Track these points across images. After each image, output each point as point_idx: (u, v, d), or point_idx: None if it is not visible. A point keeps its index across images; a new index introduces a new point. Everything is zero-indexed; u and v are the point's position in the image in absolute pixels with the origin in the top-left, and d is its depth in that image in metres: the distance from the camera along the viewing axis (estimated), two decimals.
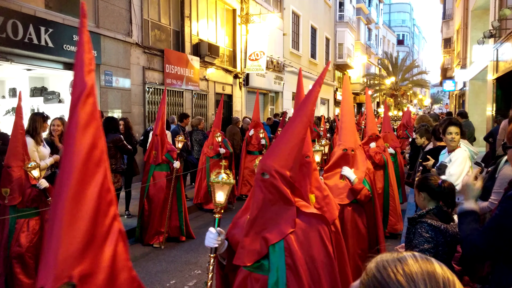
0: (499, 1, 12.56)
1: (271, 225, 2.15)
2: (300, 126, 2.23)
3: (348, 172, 4.04)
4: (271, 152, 2.20)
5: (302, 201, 2.29)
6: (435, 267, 0.88)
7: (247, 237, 2.18)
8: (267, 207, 2.15)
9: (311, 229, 2.19)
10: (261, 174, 2.14)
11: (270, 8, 18.30)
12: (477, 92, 17.87)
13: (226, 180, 2.40)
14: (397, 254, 0.92)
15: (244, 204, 2.45)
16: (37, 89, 10.01)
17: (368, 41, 40.74)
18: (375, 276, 0.89)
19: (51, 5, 8.36)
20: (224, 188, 2.41)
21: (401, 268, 0.87)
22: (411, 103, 47.27)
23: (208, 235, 2.23)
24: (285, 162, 2.15)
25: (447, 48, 30.04)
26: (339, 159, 4.13)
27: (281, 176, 2.12)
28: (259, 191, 2.15)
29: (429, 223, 2.64)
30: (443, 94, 64.18)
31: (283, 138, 2.23)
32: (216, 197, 2.43)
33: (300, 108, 2.32)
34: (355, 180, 4.01)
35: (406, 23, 68.74)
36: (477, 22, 17.50)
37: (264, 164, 2.16)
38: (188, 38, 12.99)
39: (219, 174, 2.43)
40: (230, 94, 15.92)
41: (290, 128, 2.25)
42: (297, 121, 2.26)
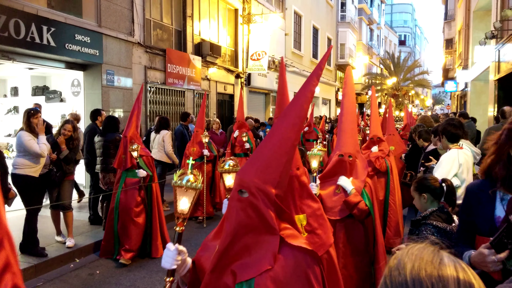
0: (501, 2, 12.54)
1: (244, 257, 1.68)
2: (290, 130, 1.77)
3: (345, 182, 3.50)
4: (252, 163, 1.72)
5: (290, 229, 1.76)
6: (472, 281, 0.85)
7: (213, 273, 1.70)
8: (243, 234, 1.67)
9: (296, 269, 1.67)
10: (238, 192, 1.67)
11: (272, 8, 18.30)
12: (479, 93, 17.85)
13: (192, 184, 1.97)
14: (437, 258, 0.88)
15: (217, 226, 1.91)
16: (38, 88, 10.02)
17: (370, 41, 40.70)
18: (406, 277, 0.86)
19: (53, 4, 8.37)
20: (188, 194, 1.98)
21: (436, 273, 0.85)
22: (412, 104, 47.21)
23: (166, 253, 1.79)
24: (270, 177, 1.67)
25: (449, 48, 29.99)
26: (335, 166, 3.59)
27: (264, 195, 1.64)
28: (234, 213, 1.68)
29: (434, 225, 2.61)
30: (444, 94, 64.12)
31: (268, 145, 1.75)
32: (179, 205, 1.98)
33: (292, 106, 1.86)
34: (352, 191, 3.46)
35: (408, 23, 68.67)
36: (479, 23, 17.49)
37: (243, 178, 1.67)
38: (190, 38, 12.99)
39: (184, 176, 2.00)
40: (232, 94, 15.92)
41: (278, 132, 1.78)
42: (287, 123, 1.79)
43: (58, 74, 9.80)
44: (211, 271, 1.71)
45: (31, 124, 5.38)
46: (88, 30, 8.84)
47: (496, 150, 2.17)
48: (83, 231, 6.55)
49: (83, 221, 6.97)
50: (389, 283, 0.88)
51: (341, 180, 3.51)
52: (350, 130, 3.63)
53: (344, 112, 3.69)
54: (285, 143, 1.75)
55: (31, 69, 9.08)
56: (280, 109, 2.65)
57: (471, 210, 2.20)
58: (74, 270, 5.40)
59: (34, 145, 5.24)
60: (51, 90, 10.00)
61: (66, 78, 9.78)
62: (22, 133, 5.34)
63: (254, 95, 18.03)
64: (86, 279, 5.14)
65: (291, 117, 1.82)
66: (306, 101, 1.85)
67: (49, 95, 9.85)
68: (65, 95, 9.86)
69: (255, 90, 17.90)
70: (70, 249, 5.71)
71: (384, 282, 0.90)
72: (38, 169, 5.41)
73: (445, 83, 28.22)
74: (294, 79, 20.91)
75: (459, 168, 3.77)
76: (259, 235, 1.67)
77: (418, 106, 51.98)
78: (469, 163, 3.85)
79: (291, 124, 1.79)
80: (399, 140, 7.57)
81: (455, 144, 3.97)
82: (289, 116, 1.82)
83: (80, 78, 9.56)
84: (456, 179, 3.70)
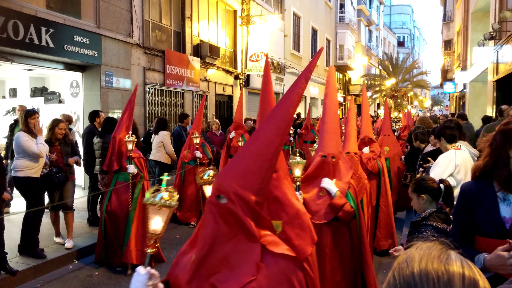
0: (500, 3, 12.57)
1: (224, 269, 1.57)
2: (275, 134, 1.68)
3: (329, 184, 3.37)
4: (232, 167, 1.63)
5: (271, 236, 1.67)
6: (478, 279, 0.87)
7: (190, 285, 1.59)
8: (221, 243, 1.56)
9: (280, 277, 1.59)
10: (216, 197, 1.58)
11: (271, 9, 18.31)
12: (477, 94, 17.87)
13: (165, 202, 1.81)
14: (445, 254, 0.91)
15: (192, 235, 1.77)
16: (37, 89, 10.02)
17: (369, 42, 40.76)
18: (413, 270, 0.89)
19: (52, 6, 8.37)
20: (162, 212, 1.81)
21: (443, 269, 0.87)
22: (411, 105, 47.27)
23: (136, 278, 1.64)
24: (250, 183, 1.58)
25: (447, 50, 30.04)
26: (317, 167, 3.47)
27: (243, 202, 1.55)
28: (212, 220, 1.57)
29: (435, 226, 2.61)
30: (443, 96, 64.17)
31: (250, 149, 1.66)
32: (151, 224, 1.82)
33: (278, 109, 1.75)
34: (337, 193, 3.34)
35: (407, 25, 68.78)
36: (477, 24, 17.52)
37: (221, 183, 1.58)
38: (189, 39, 13.00)
39: (157, 193, 1.83)
40: (231, 95, 15.92)
41: (261, 136, 1.68)
42: (272, 127, 1.69)
43: (57, 75, 9.80)
44: (188, 281, 1.59)
45: (29, 124, 5.37)
46: (87, 31, 8.83)
47: (492, 151, 2.17)
48: (82, 232, 6.54)
49: (82, 222, 6.96)
50: (396, 275, 0.91)
51: (325, 182, 3.39)
52: (333, 130, 3.53)
53: (326, 112, 3.58)
54: (269, 147, 1.65)
55: (30, 70, 9.07)
56: (263, 109, 2.46)
57: (470, 211, 2.20)
58: (73, 272, 5.39)
59: (32, 145, 5.24)
60: (50, 91, 9.99)
61: (65, 79, 9.77)
62: (20, 133, 5.33)
63: (253, 96, 18.04)
64: (85, 281, 5.13)
65: (276, 120, 1.71)
66: (292, 104, 1.76)
67: (47, 96, 9.84)
68: (64, 96, 9.85)
69: (254, 91, 17.91)
70: (69, 251, 5.70)
71: (392, 274, 0.93)
72: (39, 169, 5.39)
73: (444, 84, 28.27)
74: (293, 80, 20.84)
75: (455, 168, 3.79)
76: (239, 243, 1.57)
77: (417, 107, 52.04)
78: (467, 164, 3.85)
79: (276, 128, 1.69)
80: (394, 140, 7.46)
81: (453, 145, 4.00)
82: (274, 119, 1.72)
83: (79, 79, 9.56)
84: (452, 179, 3.71)
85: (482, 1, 15.71)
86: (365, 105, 5.97)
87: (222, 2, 15.14)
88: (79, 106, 9.52)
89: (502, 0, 12.54)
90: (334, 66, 3.95)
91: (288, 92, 1.81)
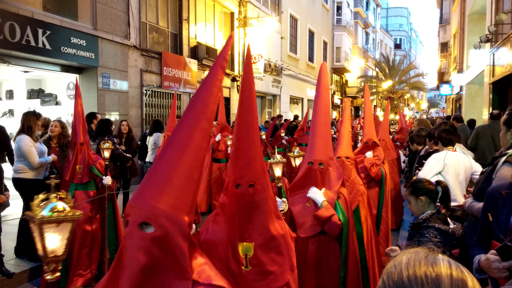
0: (496, 6, 12.63)
1: None
2: (200, 138, 1.41)
3: (315, 194, 3.05)
4: (151, 184, 1.32)
5: (205, 264, 1.40)
6: (467, 279, 0.88)
7: None
8: (144, 280, 1.28)
9: None
10: (138, 226, 1.28)
11: (268, 12, 18.34)
12: (474, 96, 17.94)
13: (64, 215, 1.45)
14: (432, 253, 0.92)
15: (108, 271, 1.43)
16: (34, 91, 10.00)
17: (366, 45, 40.86)
18: (401, 270, 0.90)
19: (49, 7, 8.36)
20: (62, 228, 1.45)
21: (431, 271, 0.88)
22: (408, 107, 47.39)
23: None
24: (181, 201, 1.31)
25: (444, 52, 30.15)
26: (304, 175, 3.14)
27: (177, 227, 1.28)
28: (134, 254, 1.28)
29: (437, 227, 2.61)
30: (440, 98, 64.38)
31: (171, 158, 1.36)
32: (47, 244, 1.45)
33: (198, 107, 1.47)
34: (323, 203, 3.01)
35: (403, 27, 68.96)
36: (473, 26, 17.60)
37: (143, 206, 1.28)
38: (186, 41, 13.00)
39: (48, 203, 1.46)
40: (228, 97, 15.92)
41: (182, 140, 1.39)
42: (193, 129, 1.41)
43: (54, 77, 9.78)
44: None
45: (36, 128, 5.35)
46: (83, 33, 8.83)
47: None
48: None
49: None
50: (386, 279, 0.92)
51: (311, 191, 3.07)
52: (322, 134, 3.17)
53: (316, 115, 3.22)
54: (194, 154, 1.37)
55: (27, 72, 9.05)
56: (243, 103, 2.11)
57: (488, 214, 2.20)
58: None
59: (33, 154, 5.13)
60: (47, 93, 9.97)
61: (62, 81, 9.76)
62: (23, 137, 5.20)
63: None
64: None
65: (198, 119, 1.43)
66: (212, 99, 1.48)
67: (44, 98, 9.82)
68: (61, 98, 9.83)
69: None
70: None
71: (382, 279, 0.93)
72: (41, 170, 5.32)
73: (440, 86, 28.34)
74: (290, 83, 20.96)
75: (444, 167, 3.85)
76: (166, 279, 1.30)
77: (414, 109, 52.18)
78: (458, 166, 3.89)
79: (202, 130, 1.41)
80: (390, 146, 7.05)
81: (450, 147, 4.05)
82: (196, 118, 1.44)
83: (75, 81, 9.53)
84: (440, 177, 3.76)
85: (478, 4, 15.79)
86: (368, 105, 5.57)
87: (219, 4, 15.15)
88: None
89: (498, 3, 12.60)
90: (326, 64, 3.54)
91: (205, 85, 1.53)
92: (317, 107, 3.28)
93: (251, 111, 2.09)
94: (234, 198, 2.07)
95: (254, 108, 2.11)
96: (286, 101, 21.28)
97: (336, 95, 31.10)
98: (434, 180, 3.32)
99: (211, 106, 1.48)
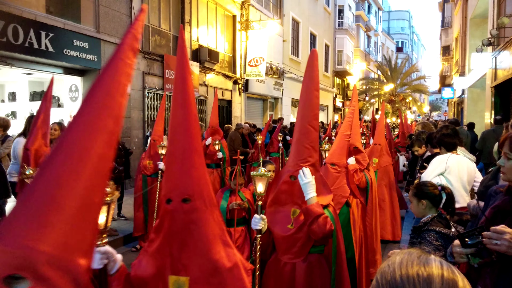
0: (498, 9, 12.64)
1: None
2: (101, 141, 1.02)
3: (307, 185, 2.60)
4: (28, 216, 0.88)
5: None
6: (457, 280, 0.90)
7: None
8: None
9: None
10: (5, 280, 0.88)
11: (270, 15, 18.38)
12: (476, 100, 17.93)
13: None
14: (425, 254, 0.94)
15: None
16: (36, 93, 10.03)
17: (367, 48, 40.89)
18: (394, 270, 0.92)
19: (52, 10, 8.39)
20: None
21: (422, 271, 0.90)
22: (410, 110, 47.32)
23: None
24: (72, 238, 0.91)
25: (446, 55, 30.17)
26: (285, 191, 2.70)
27: (67, 275, 0.89)
28: None
29: (437, 231, 2.60)
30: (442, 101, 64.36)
31: (60, 174, 0.93)
32: None
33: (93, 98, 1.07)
34: (313, 199, 2.60)
35: (405, 30, 69.03)
36: (475, 30, 17.61)
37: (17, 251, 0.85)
38: (188, 44, 13.03)
39: None
40: (230, 99, 15.94)
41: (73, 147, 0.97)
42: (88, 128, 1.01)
43: (56, 79, 9.72)
44: None
45: None
46: (86, 35, 8.86)
47: None
48: None
49: None
50: (379, 278, 0.94)
51: (304, 176, 2.60)
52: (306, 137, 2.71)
53: (300, 116, 2.77)
54: (95, 167, 0.97)
55: (29, 74, 9.10)
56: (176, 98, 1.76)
57: None
58: None
59: None
60: None
61: (64, 83, 9.79)
62: (20, 140, 5.21)
63: (252, 101, 18.07)
64: None
65: (98, 118, 1.03)
66: (120, 90, 1.11)
67: None
68: (63, 100, 9.86)
69: (253, 96, 17.94)
70: None
71: (375, 279, 0.96)
72: None
73: (442, 89, 28.35)
74: (292, 86, 20.96)
75: (446, 169, 3.87)
76: None
77: (416, 113, 52.14)
78: (461, 168, 3.88)
79: (106, 132, 1.02)
80: (386, 151, 6.55)
81: (454, 152, 4.05)
82: (94, 117, 1.02)
83: (78, 84, 9.58)
84: (442, 178, 3.76)
85: (480, 8, 15.80)
86: (355, 105, 5.00)
87: (221, 7, 15.19)
88: None
89: (500, 7, 12.61)
90: (315, 50, 3.09)
91: (108, 71, 1.14)
92: (301, 103, 2.82)
93: (186, 107, 1.69)
94: (165, 216, 1.68)
95: (190, 104, 1.71)
96: (288, 104, 21.29)
97: (338, 98, 31.10)
98: (435, 181, 3.32)
99: (118, 99, 1.07)
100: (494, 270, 1.82)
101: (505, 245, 1.64)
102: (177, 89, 1.73)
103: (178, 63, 1.77)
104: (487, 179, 3.25)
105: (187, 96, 1.71)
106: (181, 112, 1.69)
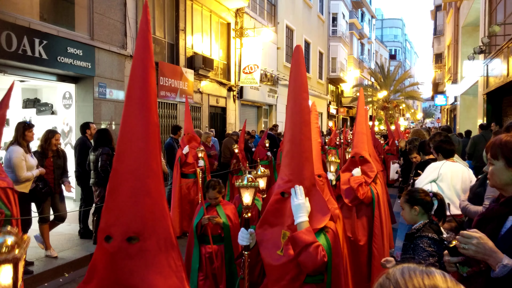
0: (489, 18, 12.81)
1: None
2: None
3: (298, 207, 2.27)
4: None
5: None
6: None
7: None
8: None
9: None
10: None
11: (264, 22, 18.48)
12: (468, 107, 18.10)
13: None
14: (425, 267, 0.90)
15: None
16: (29, 100, 9.98)
17: (361, 55, 41.18)
18: (397, 281, 0.86)
19: (45, 17, 8.38)
20: None
21: (428, 282, 0.85)
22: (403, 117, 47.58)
23: None
24: None
25: (438, 63, 30.46)
26: (276, 211, 2.37)
27: None
28: None
29: (430, 237, 2.62)
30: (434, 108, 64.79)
31: None
32: None
33: None
34: (304, 224, 2.25)
35: (398, 38, 69.63)
36: (467, 38, 17.82)
37: None
38: (183, 51, 13.05)
39: None
40: (224, 106, 15.96)
41: None
42: None
43: (50, 86, 9.77)
44: None
45: (26, 137, 5.30)
46: (80, 43, 8.85)
47: None
48: (73, 245, 6.47)
49: (73, 234, 6.88)
50: None
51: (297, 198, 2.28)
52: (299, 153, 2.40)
53: (289, 126, 2.45)
54: None
55: (22, 81, 9.04)
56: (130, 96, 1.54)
57: None
58: (63, 285, 5.32)
59: (21, 168, 5.05)
60: (43, 103, 9.95)
61: (58, 90, 9.75)
62: (16, 148, 5.15)
63: (246, 108, 18.10)
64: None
65: None
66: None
67: (40, 107, 9.80)
68: (57, 108, 9.82)
69: (247, 103, 17.98)
70: (59, 264, 5.62)
71: None
72: (28, 185, 5.28)
73: (435, 97, 28.58)
74: (286, 93, 20.95)
75: (438, 176, 3.89)
76: None
77: (409, 120, 52.43)
78: (455, 175, 3.91)
79: None
80: (375, 158, 5.99)
81: (451, 159, 4.08)
82: None
83: (72, 91, 9.54)
84: (431, 185, 3.79)
85: (472, 16, 16.00)
86: (360, 112, 4.60)
87: (216, 15, 15.26)
88: (72, 118, 9.49)
89: (491, 15, 12.78)
90: (299, 46, 2.63)
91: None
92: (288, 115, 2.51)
93: (145, 111, 1.29)
94: (101, 258, 1.25)
95: (149, 108, 1.30)
96: (282, 111, 21.33)
97: (332, 105, 31.23)
98: (427, 188, 3.34)
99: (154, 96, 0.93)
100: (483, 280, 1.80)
101: (472, 250, 1.67)
102: (134, 86, 1.35)
103: (138, 51, 1.35)
104: (475, 186, 3.29)
105: (146, 96, 1.32)
106: (139, 117, 1.30)
